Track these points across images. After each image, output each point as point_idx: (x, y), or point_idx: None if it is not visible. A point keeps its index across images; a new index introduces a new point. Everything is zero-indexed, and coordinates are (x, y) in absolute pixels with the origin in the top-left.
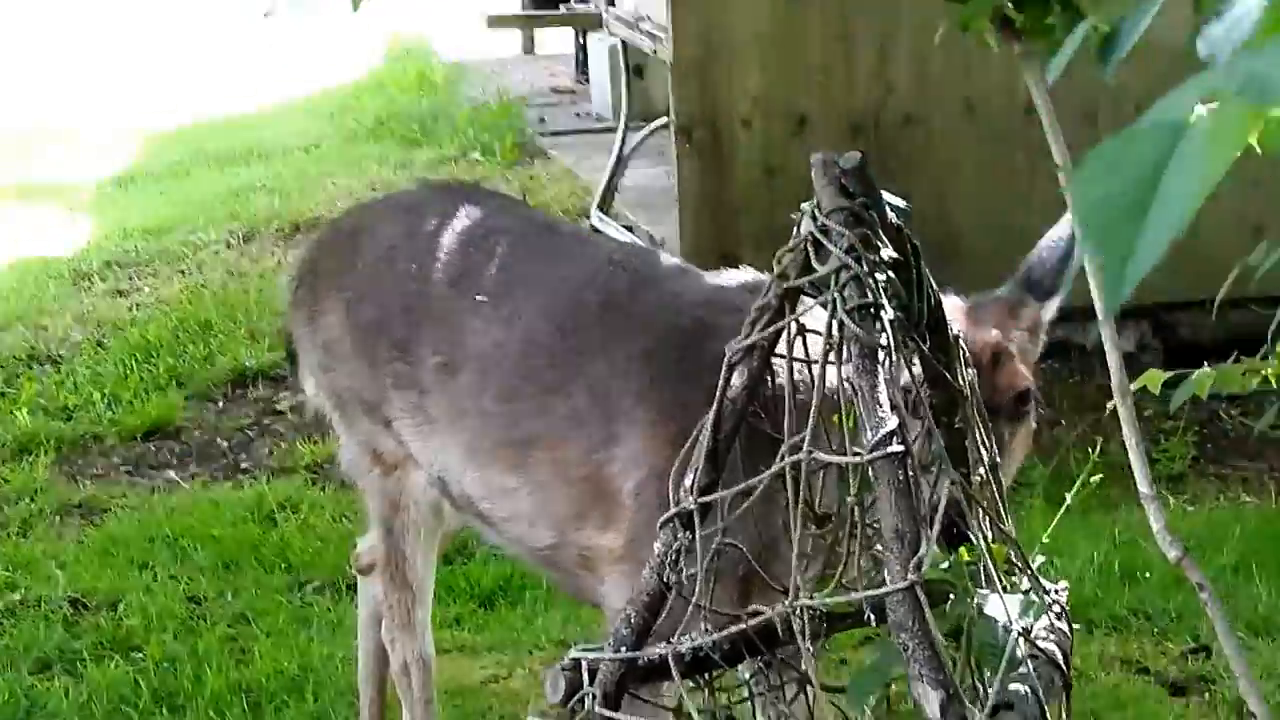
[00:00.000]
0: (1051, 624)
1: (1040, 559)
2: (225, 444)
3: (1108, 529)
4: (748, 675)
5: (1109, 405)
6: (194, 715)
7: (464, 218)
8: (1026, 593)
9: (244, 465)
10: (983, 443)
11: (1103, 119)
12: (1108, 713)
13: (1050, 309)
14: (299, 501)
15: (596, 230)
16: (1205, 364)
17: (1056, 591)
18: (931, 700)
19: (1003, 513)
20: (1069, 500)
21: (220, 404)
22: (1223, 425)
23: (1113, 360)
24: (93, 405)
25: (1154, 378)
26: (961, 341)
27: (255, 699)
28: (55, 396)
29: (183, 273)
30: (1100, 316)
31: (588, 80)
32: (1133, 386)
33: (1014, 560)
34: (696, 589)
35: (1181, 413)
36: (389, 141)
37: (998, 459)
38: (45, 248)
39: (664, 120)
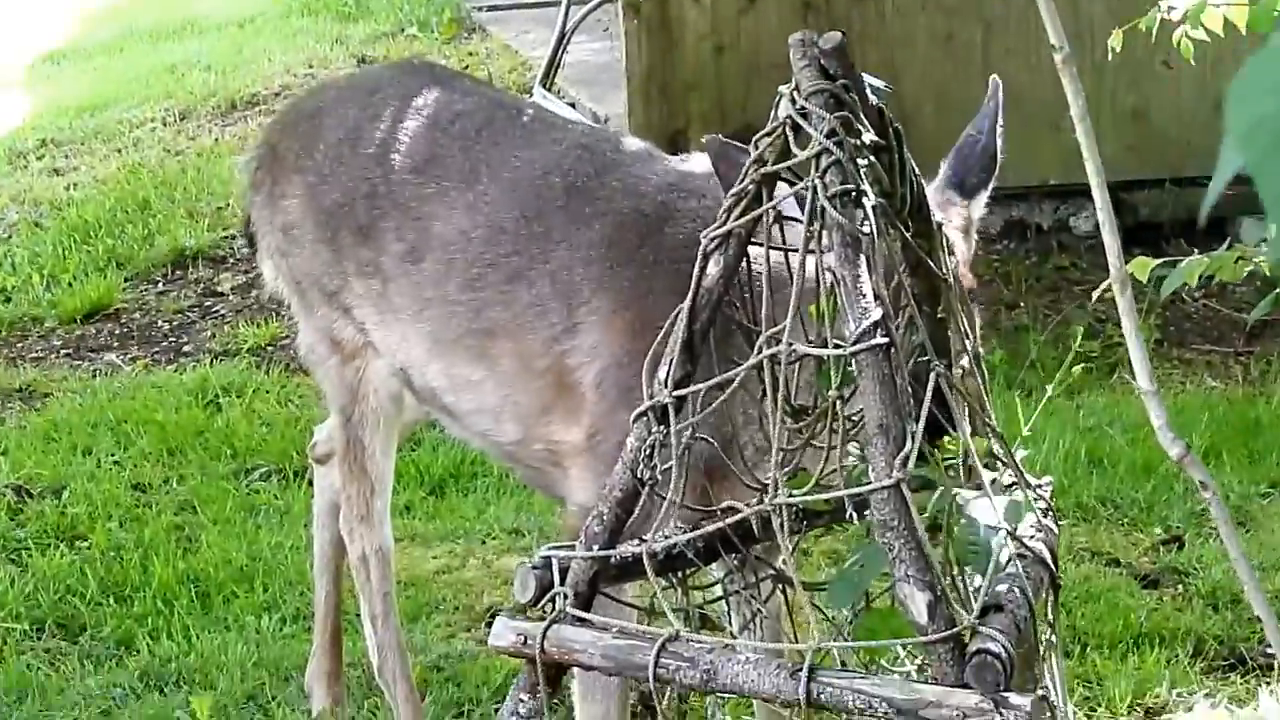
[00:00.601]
0: (1039, 521)
1: (1022, 452)
2: (166, 326)
3: (1072, 416)
4: (720, 573)
5: (1096, 292)
6: (141, 605)
7: (428, 100)
8: (1010, 488)
9: (185, 348)
10: (965, 332)
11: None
12: (1079, 605)
13: (978, 206)
14: (243, 385)
15: None
16: (1164, 245)
17: (1040, 487)
18: (918, 601)
19: (987, 405)
20: (1050, 392)
21: (160, 285)
22: (1184, 308)
23: (1112, 250)
24: (31, 287)
25: (1143, 265)
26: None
27: (204, 589)
28: None
29: (119, 151)
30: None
31: None
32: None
33: (998, 455)
34: (671, 485)
35: (1144, 297)
36: (324, 16)
37: (979, 349)
38: None
39: None
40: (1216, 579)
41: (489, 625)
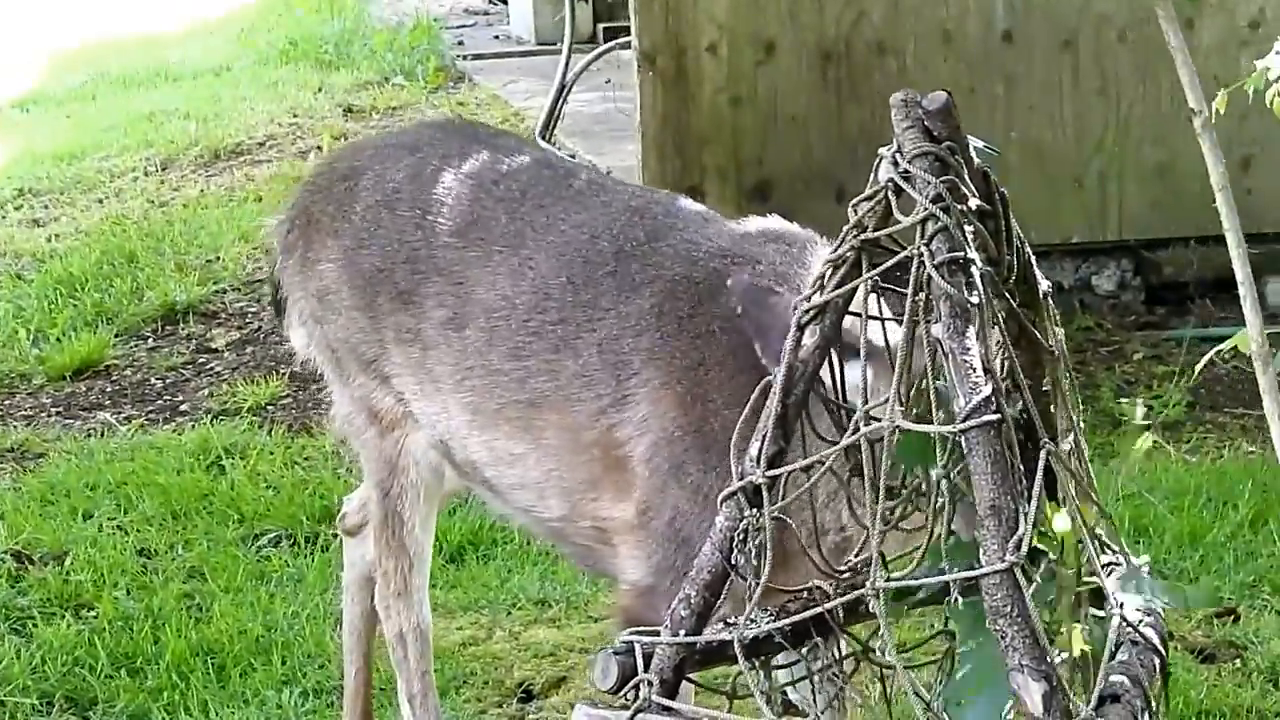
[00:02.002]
0: (1146, 605)
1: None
2: (159, 384)
3: (1110, 484)
4: (804, 652)
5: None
6: (155, 679)
7: (471, 160)
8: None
9: (182, 407)
10: (1070, 407)
11: (1083, 45)
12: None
13: None
14: (246, 446)
15: None
16: (1190, 304)
17: (1141, 569)
18: (1033, 693)
19: (1094, 484)
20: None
21: (151, 341)
22: (1215, 369)
23: (1254, 326)
24: (17, 342)
25: (1244, 340)
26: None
27: (219, 662)
28: None
29: (100, 201)
30: None
31: (502, 0)
32: (1224, 347)
33: (1103, 537)
34: (764, 569)
35: (1174, 358)
36: (302, 64)
37: (1081, 425)
38: None
39: (611, 44)
40: (1276, 653)
41: (521, 701)
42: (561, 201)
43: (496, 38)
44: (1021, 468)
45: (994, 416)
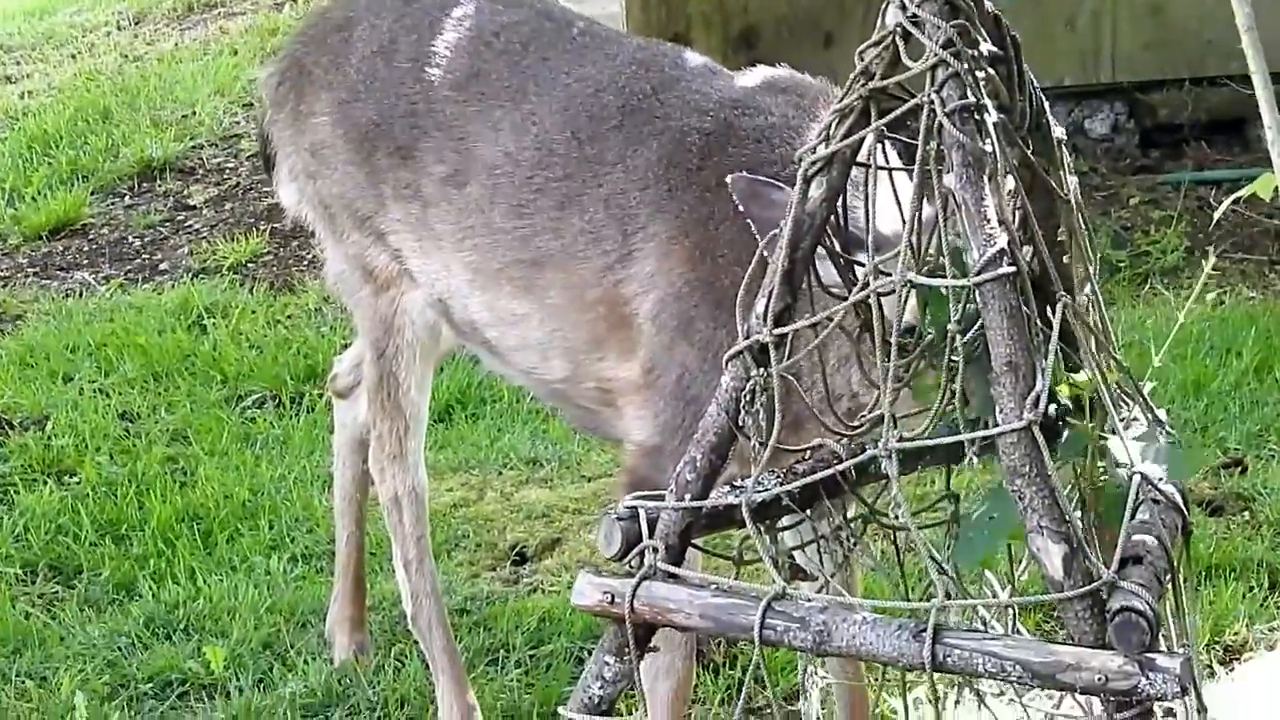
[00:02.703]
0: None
1: (1148, 385)
2: (137, 243)
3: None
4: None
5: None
6: (140, 546)
7: (470, 10)
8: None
9: (161, 266)
10: (1087, 257)
11: None
12: None
13: None
14: (227, 305)
15: None
16: (1185, 147)
17: (1165, 423)
18: (1053, 554)
19: (1111, 336)
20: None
21: (128, 199)
22: (1211, 213)
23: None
24: None
25: (1267, 182)
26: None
27: (205, 527)
28: None
29: (73, 57)
30: None
31: None
32: (1243, 194)
33: (1124, 390)
34: (774, 430)
35: (1170, 203)
36: None
37: (1096, 274)
38: None
39: None
40: None
41: (515, 564)
42: (565, 55)
43: None
44: (1038, 321)
45: (1009, 269)
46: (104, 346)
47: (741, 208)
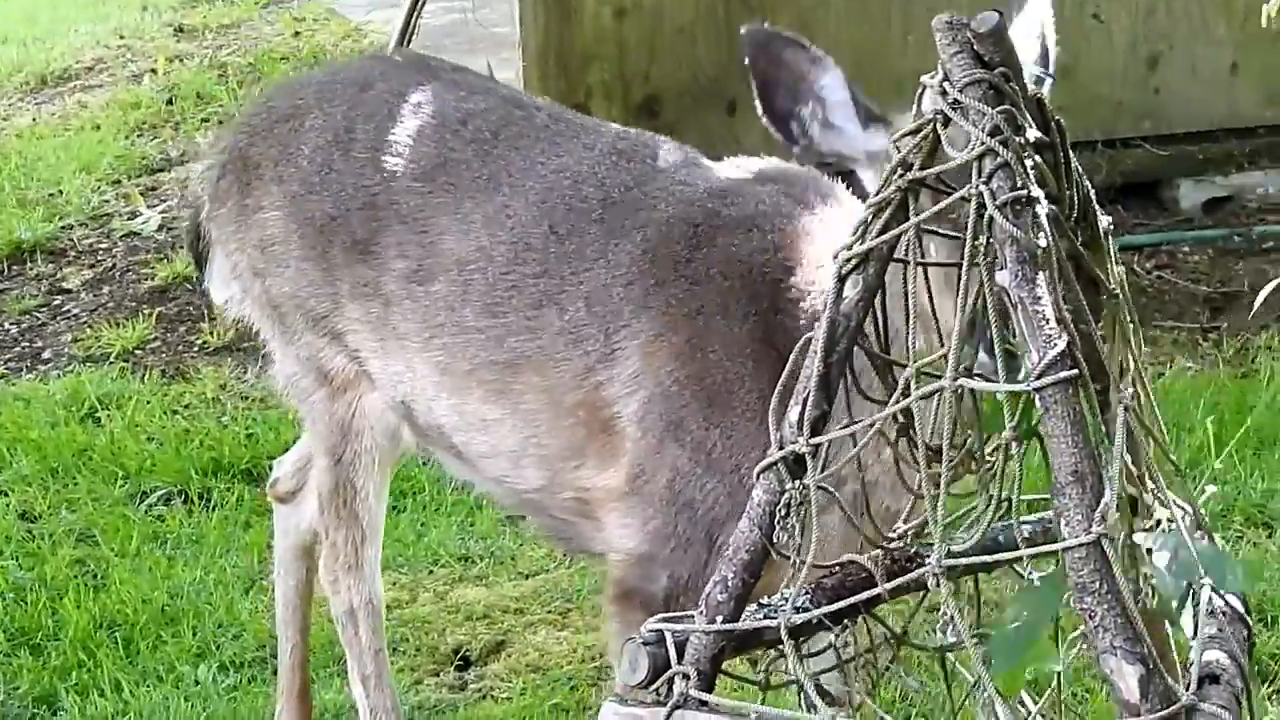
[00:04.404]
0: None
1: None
2: (14, 329)
3: None
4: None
5: None
6: (58, 656)
7: (431, 97)
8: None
9: (43, 354)
10: (1133, 352)
11: None
12: None
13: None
14: (120, 396)
15: None
16: (1101, 209)
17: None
18: (1128, 676)
19: (1165, 439)
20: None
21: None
22: (1137, 281)
23: None
24: None
25: None
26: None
27: (125, 635)
28: None
29: None
30: None
31: None
32: None
33: (1163, 494)
34: (810, 547)
35: None
36: None
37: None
38: None
39: None
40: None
41: (459, 669)
42: (539, 144)
43: None
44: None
45: (1071, 372)
46: None
47: (748, 58)
